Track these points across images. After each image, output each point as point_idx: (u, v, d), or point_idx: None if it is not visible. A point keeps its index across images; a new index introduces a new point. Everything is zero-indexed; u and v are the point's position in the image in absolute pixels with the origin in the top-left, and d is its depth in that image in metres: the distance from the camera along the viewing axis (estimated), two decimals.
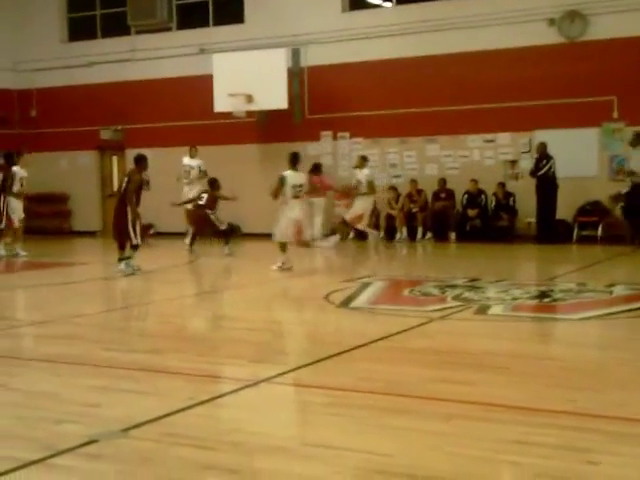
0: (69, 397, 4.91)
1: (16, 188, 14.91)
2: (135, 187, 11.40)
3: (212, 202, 14.67)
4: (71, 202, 21.44)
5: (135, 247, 11.45)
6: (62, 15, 21.65)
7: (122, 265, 11.32)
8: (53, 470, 3.63)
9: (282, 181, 11.66)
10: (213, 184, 14.85)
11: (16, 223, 14.95)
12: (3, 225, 14.84)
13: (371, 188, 15.85)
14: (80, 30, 21.53)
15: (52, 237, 19.27)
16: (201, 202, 14.68)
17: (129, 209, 11.24)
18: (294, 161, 11.98)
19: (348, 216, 16.05)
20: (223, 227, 14.80)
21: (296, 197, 11.72)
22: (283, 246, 11.78)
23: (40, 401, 4.82)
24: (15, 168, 15.03)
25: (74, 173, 21.13)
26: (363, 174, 15.89)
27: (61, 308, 8.83)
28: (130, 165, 18.73)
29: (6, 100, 21.52)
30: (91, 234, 20.70)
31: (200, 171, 16.87)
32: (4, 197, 14.81)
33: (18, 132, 21.78)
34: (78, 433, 4.09)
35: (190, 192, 16.21)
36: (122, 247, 11.47)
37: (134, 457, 3.79)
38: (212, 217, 14.66)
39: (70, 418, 4.40)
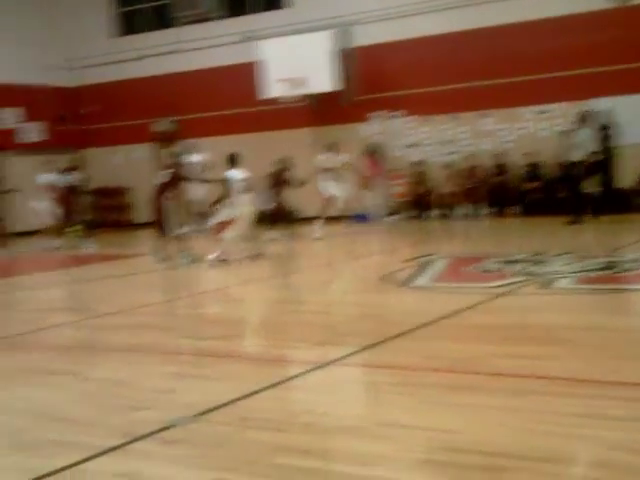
0: (144, 384, 5.05)
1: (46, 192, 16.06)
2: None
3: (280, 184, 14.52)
4: (130, 195, 21.81)
5: (175, 237, 11.60)
6: (110, 11, 21.96)
7: (179, 258, 11.54)
8: (131, 456, 3.74)
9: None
10: (286, 163, 14.67)
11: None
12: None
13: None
14: (129, 24, 21.84)
15: (113, 230, 19.64)
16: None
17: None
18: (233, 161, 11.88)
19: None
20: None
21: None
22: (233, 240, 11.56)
23: (116, 389, 4.97)
24: (49, 176, 16.18)
25: (131, 166, 21.47)
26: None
27: (129, 299, 9.04)
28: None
29: (62, 98, 21.94)
30: (150, 225, 20.99)
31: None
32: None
33: (77, 128, 22.22)
34: (154, 419, 4.20)
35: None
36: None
37: (209, 441, 3.89)
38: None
39: (146, 405, 4.52)
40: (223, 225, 11.48)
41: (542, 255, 9.83)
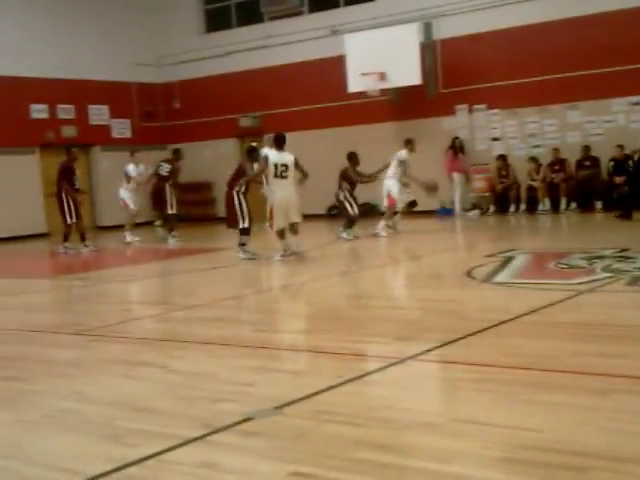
0: (225, 377, 5.13)
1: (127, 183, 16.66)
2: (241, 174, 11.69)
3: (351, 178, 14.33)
4: (215, 189, 22.16)
5: (243, 231, 11.67)
6: (199, 7, 22.35)
7: (239, 252, 11.66)
8: (212, 447, 3.81)
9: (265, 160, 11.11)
10: (352, 158, 14.33)
11: (132, 207, 16.56)
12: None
13: None
14: (216, 21, 22.18)
15: (199, 224, 20.00)
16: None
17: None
18: (279, 142, 11.18)
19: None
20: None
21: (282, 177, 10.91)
22: (281, 233, 11.25)
23: (198, 381, 5.06)
24: (129, 167, 16.60)
25: (216, 161, 21.80)
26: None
27: (211, 292, 9.20)
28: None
29: (151, 94, 22.47)
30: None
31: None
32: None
33: (163, 125, 22.72)
34: (234, 411, 4.27)
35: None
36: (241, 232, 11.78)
37: (288, 434, 3.93)
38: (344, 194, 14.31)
39: (226, 397, 4.60)
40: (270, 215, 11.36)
41: (629, 251, 9.55)
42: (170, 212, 16.01)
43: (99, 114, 21.43)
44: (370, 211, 18.80)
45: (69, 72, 20.32)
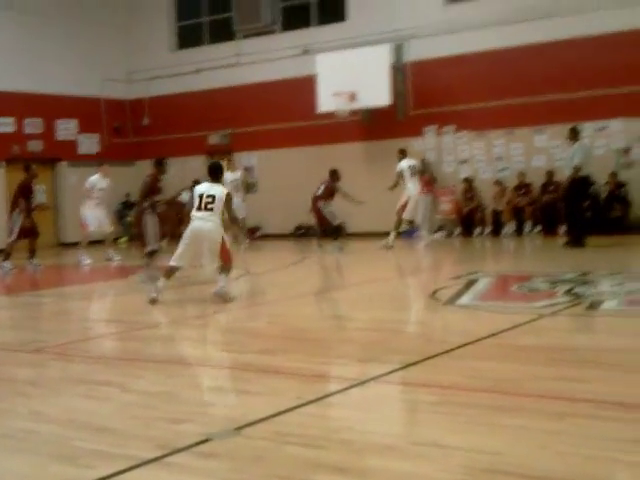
0: (184, 397, 5.08)
1: (93, 198, 15.57)
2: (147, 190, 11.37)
3: (329, 194, 14.52)
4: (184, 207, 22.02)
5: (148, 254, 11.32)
6: (171, 24, 22.34)
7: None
8: (168, 468, 3.76)
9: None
10: (333, 175, 14.56)
11: (92, 227, 15.62)
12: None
13: None
14: (188, 38, 22.18)
15: (168, 242, 19.84)
16: (318, 193, 14.57)
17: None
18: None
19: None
20: (336, 223, 14.73)
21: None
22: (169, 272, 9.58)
23: (156, 401, 5.01)
24: (93, 178, 15.69)
25: (184, 178, 21.70)
26: None
27: (175, 311, 9.12)
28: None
29: (120, 110, 22.36)
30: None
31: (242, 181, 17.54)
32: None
33: (132, 141, 22.61)
34: (193, 432, 4.23)
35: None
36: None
37: (246, 455, 3.89)
38: (326, 211, 14.55)
39: (185, 418, 4.55)
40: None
41: (591, 275, 9.66)
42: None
43: (67, 129, 21.26)
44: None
45: (37, 86, 20.15)
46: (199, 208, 9.19)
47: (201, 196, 9.25)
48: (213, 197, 9.21)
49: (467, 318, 7.75)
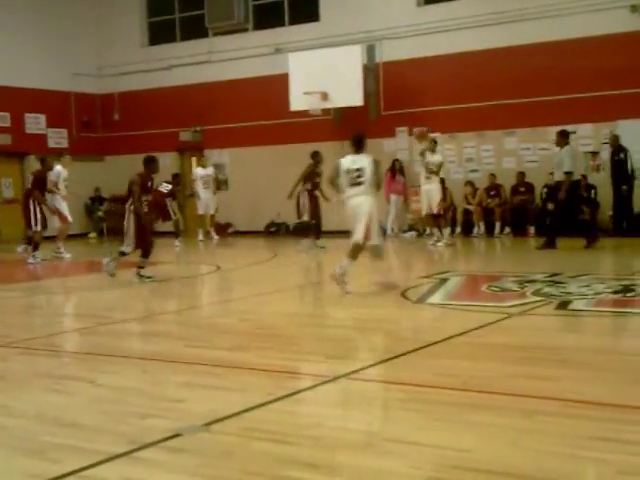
0: (154, 393, 5.05)
1: (61, 189, 15.34)
2: (138, 189, 11.08)
3: (308, 177, 14.29)
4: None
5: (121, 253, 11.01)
6: (142, 20, 22.19)
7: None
8: (137, 463, 3.74)
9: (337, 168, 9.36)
10: (314, 156, 14.48)
11: (70, 219, 15.51)
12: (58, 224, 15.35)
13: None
14: (160, 34, 22.05)
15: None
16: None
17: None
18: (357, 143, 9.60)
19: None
20: (304, 218, 14.61)
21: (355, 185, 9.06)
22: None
23: (126, 396, 4.97)
24: (59, 168, 15.34)
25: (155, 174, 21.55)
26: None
27: (145, 306, 9.08)
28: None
29: (90, 104, 22.17)
30: (172, 234, 21.10)
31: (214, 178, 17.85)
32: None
33: (101, 135, 22.43)
34: (162, 427, 4.20)
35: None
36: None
37: (216, 451, 3.88)
38: (301, 201, 14.39)
39: (154, 413, 4.52)
40: None
41: (560, 276, 9.75)
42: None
43: (35, 123, 21.03)
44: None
45: (5, 79, 19.90)
46: (350, 185, 8.98)
47: (348, 171, 9.03)
48: (360, 169, 9.03)
49: (438, 316, 7.79)
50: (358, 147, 9.39)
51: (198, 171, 18.55)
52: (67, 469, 3.63)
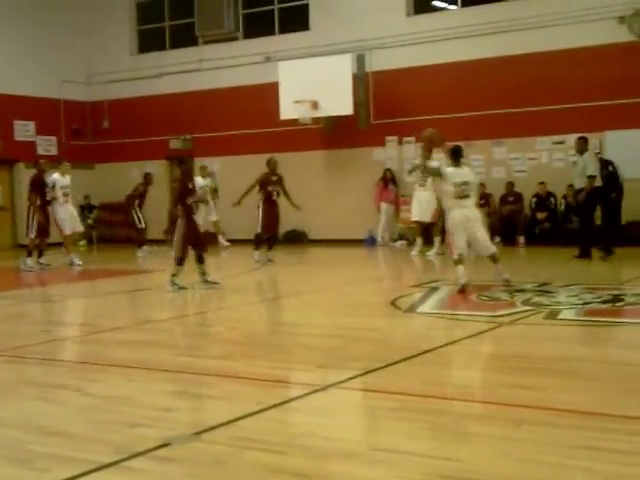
0: (143, 401, 5.03)
1: (59, 196, 14.84)
2: (177, 195, 10.76)
3: (260, 185, 13.74)
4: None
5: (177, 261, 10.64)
6: (132, 28, 22.18)
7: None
8: (126, 472, 3.72)
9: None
10: (268, 163, 13.87)
11: (66, 231, 15.02)
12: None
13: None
14: (150, 42, 22.04)
15: (124, 245, 19.67)
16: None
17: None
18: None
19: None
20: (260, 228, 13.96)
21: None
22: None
23: (115, 405, 4.95)
24: (56, 176, 14.95)
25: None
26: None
27: (134, 315, 9.05)
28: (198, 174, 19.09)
29: (80, 112, 22.13)
30: (162, 242, 21.07)
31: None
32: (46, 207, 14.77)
33: (91, 143, 22.38)
34: (152, 436, 4.19)
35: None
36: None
37: (205, 460, 3.87)
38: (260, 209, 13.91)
39: (144, 422, 4.51)
40: None
41: (549, 285, 9.79)
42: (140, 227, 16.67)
43: (24, 130, 20.97)
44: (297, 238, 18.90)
45: None
46: (458, 197, 9.35)
47: (455, 184, 9.36)
48: (466, 183, 9.41)
49: (427, 326, 7.80)
50: (458, 159, 9.67)
51: (198, 181, 18.46)
52: (55, 478, 3.62)
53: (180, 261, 10.48)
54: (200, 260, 10.60)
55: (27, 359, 6.52)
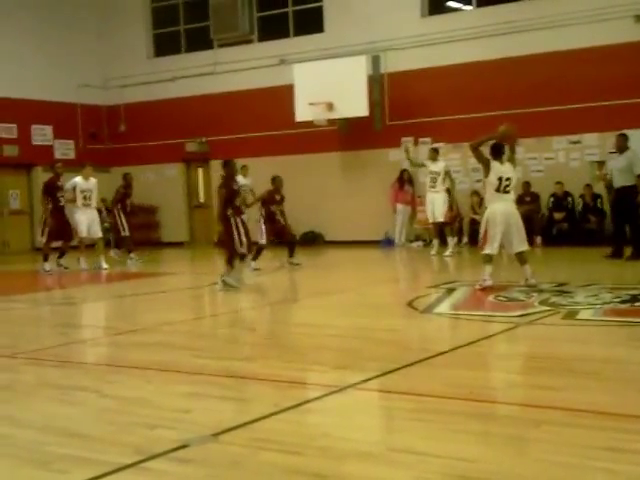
0: (161, 403, 5.04)
1: (78, 200, 14.88)
2: (225, 198, 10.71)
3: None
4: (159, 214, 21.96)
5: (229, 261, 10.74)
6: (148, 32, 22.29)
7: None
8: (145, 474, 3.74)
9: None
10: (274, 180, 13.68)
11: (84, 233, 14.99)
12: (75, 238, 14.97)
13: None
14: (165, 46, 22.14)
15: (142, 248, 19.75)
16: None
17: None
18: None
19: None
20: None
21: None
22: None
23: (133, 407, 4.97)
24: (77, 179, 14.98)
25: (161, 185, 21.67)
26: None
27: (152, 317, 9.08)
28: (214, 176, 19.13)
29: (96, 116, 22.26)
30: (179, 245, 21.15)
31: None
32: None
33: (108, 147, 22.50)
34: (170, 438, 4.20)
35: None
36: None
37: (223, 461, 3.87)
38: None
39: (162, 423, 4.52)
40: None
41: (567, 285, 9.74)
42: (123, 234, 15.82)
43: (42, 134, 21.11)
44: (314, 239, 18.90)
45: (12, 91, 19.99)
46: (499, 190, 9.57)
47: (500, 179, 9.56)
48: (509, 179, 9.65)
49: (444, 326, 7.78)
50: (500, 155, 9.80)
51: (240, 179, 18.39)
52: (74, 479, 3.64)
53: (243, 258, 10.76)
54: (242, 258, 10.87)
55: (45, 361, 6.55)
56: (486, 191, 9.89)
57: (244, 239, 10.61)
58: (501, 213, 9.59)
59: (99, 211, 21.21)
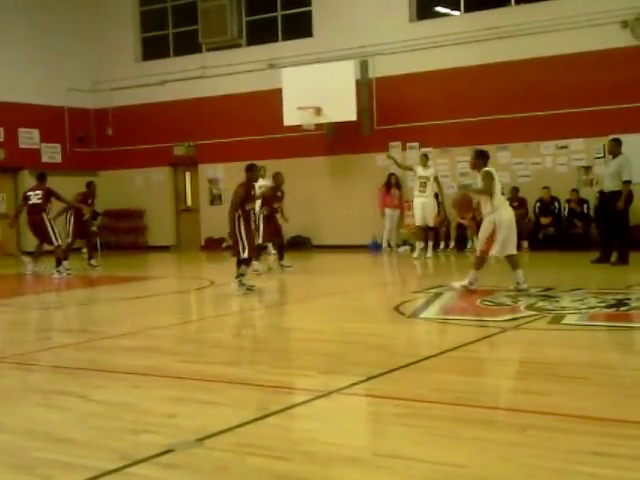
0: (146, 408, 5.02)
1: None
2: (238, 199, 10.76)
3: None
4: (146, 218, 21.90)
5: (242, 262, 10.80)
6: (136, 35, 22.26)
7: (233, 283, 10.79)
8: (129, 479, 3.71)
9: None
10: (276, 177, 13.76)
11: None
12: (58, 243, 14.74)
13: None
14: (153, 49, 22.12)
15: (128, 252, 19.72)
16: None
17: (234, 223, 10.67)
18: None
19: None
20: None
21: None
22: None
23: (118, 412, 4.94)
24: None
25: (149, 189, 21.62)
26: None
27: (138, 321, 9.04)
28: (202, 180, 19.12)
29: (84, 120, 22.18)
30: (165, 249, 21.10)
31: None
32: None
33: (95, 151, 22.42)
34: (155, 443, 4.17)
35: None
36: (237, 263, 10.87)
37: (208, 466, 3.85)
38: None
39: (147, 428, 4.49)
40: None
41: (553, 290, 9.76)
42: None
43: (29, 137, 21.02)
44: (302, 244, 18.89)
45: None
46: (503, 194, 10.04)
47: (498, 183, 9.87)
48: (502, 183, 10.02)
49: (431, 331, 7.78)
50: (487, 162, 10.08)
51: (259, 181, 18.22)
52: None
53: (248, 262, 10.83)
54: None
55: (30, 366, 6.51)
56: (492, 198, 9.87)
57: (246, 244, 10.61)
58: (509, 218, 9.85)
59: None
